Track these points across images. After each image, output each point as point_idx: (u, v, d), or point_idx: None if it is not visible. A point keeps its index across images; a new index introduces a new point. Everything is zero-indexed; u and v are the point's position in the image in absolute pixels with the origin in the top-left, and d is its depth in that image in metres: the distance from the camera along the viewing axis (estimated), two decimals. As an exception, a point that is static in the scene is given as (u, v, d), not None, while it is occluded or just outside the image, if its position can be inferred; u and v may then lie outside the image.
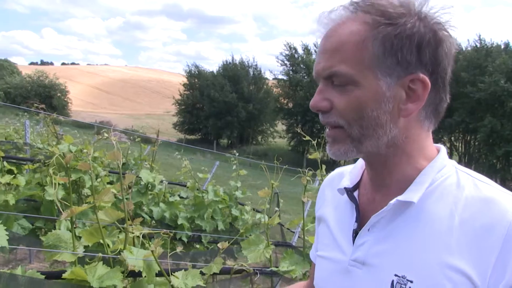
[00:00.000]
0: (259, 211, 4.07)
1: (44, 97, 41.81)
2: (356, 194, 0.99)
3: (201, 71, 47.17)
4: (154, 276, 1.69)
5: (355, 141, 0.86)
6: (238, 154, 4.49)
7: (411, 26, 0.81)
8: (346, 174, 1.05)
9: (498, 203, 0.79)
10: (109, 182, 3.49)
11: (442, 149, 0.92)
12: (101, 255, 1.61)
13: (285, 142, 42.60)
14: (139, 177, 3.66)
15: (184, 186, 4.26)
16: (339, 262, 0.95)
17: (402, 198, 0.85)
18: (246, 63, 46.35)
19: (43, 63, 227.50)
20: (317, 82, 0.90)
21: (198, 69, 47.51)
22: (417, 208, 0.85)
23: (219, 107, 41.23)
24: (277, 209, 3.40)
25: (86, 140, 5.58)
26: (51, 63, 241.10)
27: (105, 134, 1.67)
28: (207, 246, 3.76)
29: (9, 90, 44.52)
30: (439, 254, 0.79)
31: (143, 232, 1.56)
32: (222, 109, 41.17)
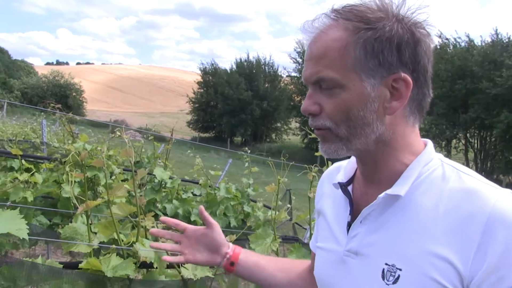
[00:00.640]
0: (271, 208, 4.10)
1: (59, 96, 41.99)
2: (350, 188, 1.03)
3: (217, 69, 46.59)
4: (165, 267, 1.77)
5: (344, 139, 0.91)
6: (252, 151, 4.52)
7: (390, 29, 0.85)
8: (342, 169, 1.09)
9: (480, 194, 0.82)
10: (123, 180, 3.57)
11: (429, 143, 0.96)
12: (115, 247, 1.68)
13: (299, 140, 42.02)
14: (153, 174, 3.74)
15: (197, 183, 4.31)
16: (336, 253, 1.00)
17: (390, 191, 0.89)
18: (263, 61, 45.99)
19: (59, 63, 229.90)
20: (307, 87, 0.95)
21: (214, 66, 46.89)
22: (405, 200, 0.89)
23: (233, 105, 40.92)
24: (288, 205, 3.45)
25: (101, 138, 5.70)
26: (67, 63, 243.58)
27: (117, 133, 1.75)
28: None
29: (26, 90, 44.92)
30: (425, 243, 0.83)
31: (155, 224, 1.63)
32: (236, 106, 40.87)
